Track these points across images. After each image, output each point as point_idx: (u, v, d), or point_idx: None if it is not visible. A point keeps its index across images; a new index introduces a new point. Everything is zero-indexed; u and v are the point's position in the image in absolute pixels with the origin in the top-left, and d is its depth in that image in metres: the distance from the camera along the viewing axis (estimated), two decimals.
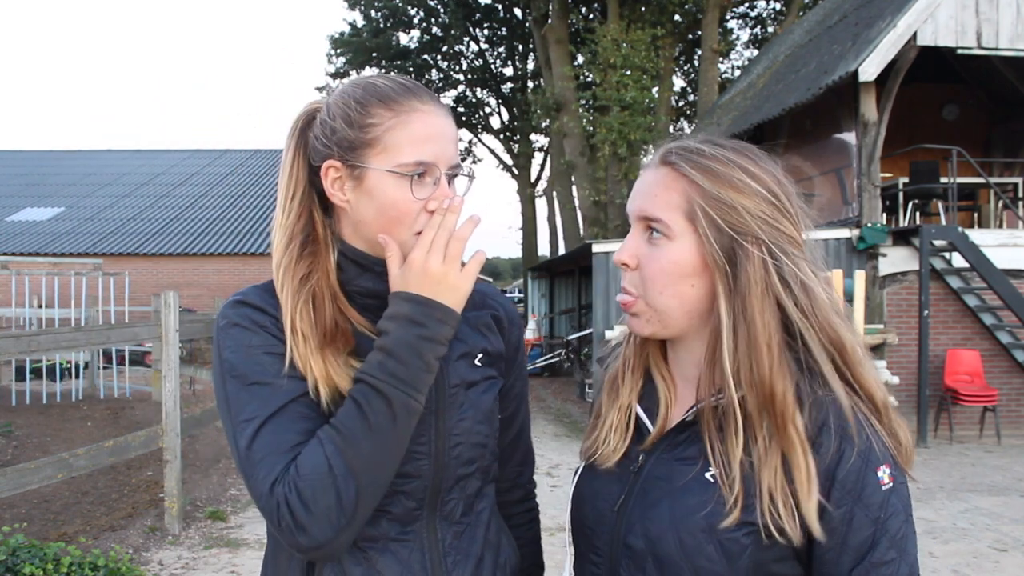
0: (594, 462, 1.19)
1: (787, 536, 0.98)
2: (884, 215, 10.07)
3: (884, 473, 1.01)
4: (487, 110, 32.77)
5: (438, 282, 1.06)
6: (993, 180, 10.50)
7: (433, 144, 1.11)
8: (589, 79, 20.15)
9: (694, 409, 1.10)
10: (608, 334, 9.13)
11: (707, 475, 1.05)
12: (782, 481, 1.00)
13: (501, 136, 32.72)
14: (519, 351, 1.33)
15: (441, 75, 32.13)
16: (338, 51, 30.38)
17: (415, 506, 1.14)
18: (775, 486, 0.99)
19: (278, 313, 1.12)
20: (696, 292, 1.09)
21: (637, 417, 1.18)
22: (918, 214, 10.36)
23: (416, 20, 30.34)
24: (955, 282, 9.36)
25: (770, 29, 26.47)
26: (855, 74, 8.89)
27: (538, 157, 32.14)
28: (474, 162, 34.53)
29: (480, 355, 1.22)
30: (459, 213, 1.09)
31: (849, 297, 7.54)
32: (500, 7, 29.46)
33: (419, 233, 1.10)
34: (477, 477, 1.20)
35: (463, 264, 1.09)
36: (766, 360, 1.03)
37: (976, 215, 11.29)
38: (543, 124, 24.63)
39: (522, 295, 27.83)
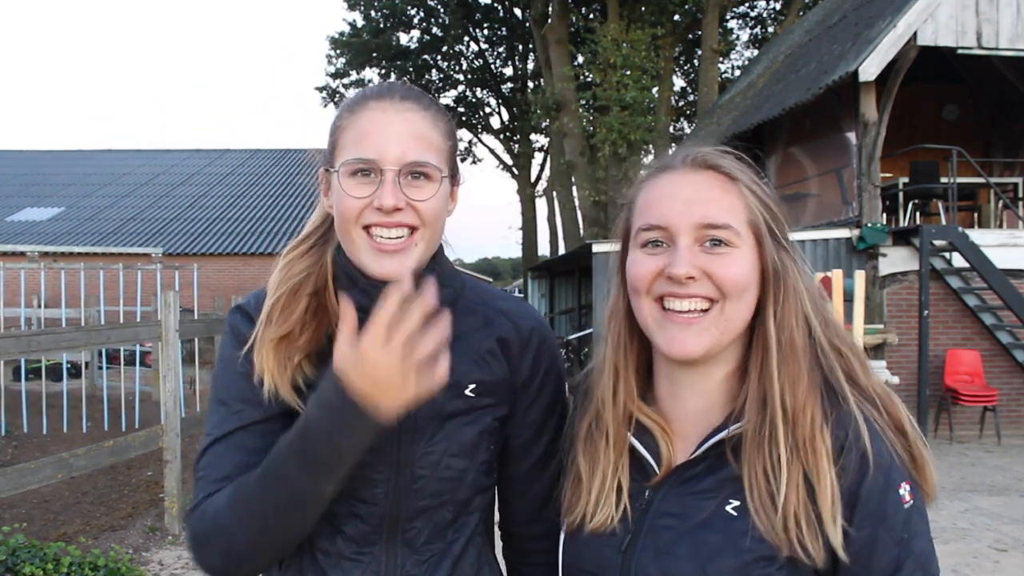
0: (583, 528, 1.07)
1: (811, 556, 0.94)
2: (884, 215, 10.06)
3: (905, 491, 0.97)
4: (487, 110, 32.80)
5: (382, 388, 0.94)
6: (993, 180, 10.49)
7: (375, 139, 1.04)
8: (589, 79, 20.14)
9: (713, 440, 1.02)
10: None
11: (728, 508, 0.99)
12: (805, 500, 0.95)
13: (501, 136, 32.72)
14: (535, 378, 1.19)
15: (441, 75, 32.13)
16: (338, 51, 30.38)
17: (371, 530, 1.12)
18: (799, 505, 0.95)
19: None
20: (752, 303, 1.03)
21: (632, 452, 1.08)
22: (918, 214, 10.35)
23: (416, 20, 30.35)
24: (955, 282, 9.35)
25: (770, 29, 26.45)
26: (855, 74, 8.88)
27: (538, 157, 32.15)
28: (474, 162, 34.58)
29: (473, 385, 1.14)
30: (426, 308, 0.93)
31: (849, 297, 7.53)
32: (500, 7, 29.46)
33: (368, 227, 1.04)
34: (448, 509, 1.14)
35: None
36: (804, 376, 0.99)
37: (976, 215, 11.28)
38: (543, 124, 24.62)
39: (522, 295, 27.83)
